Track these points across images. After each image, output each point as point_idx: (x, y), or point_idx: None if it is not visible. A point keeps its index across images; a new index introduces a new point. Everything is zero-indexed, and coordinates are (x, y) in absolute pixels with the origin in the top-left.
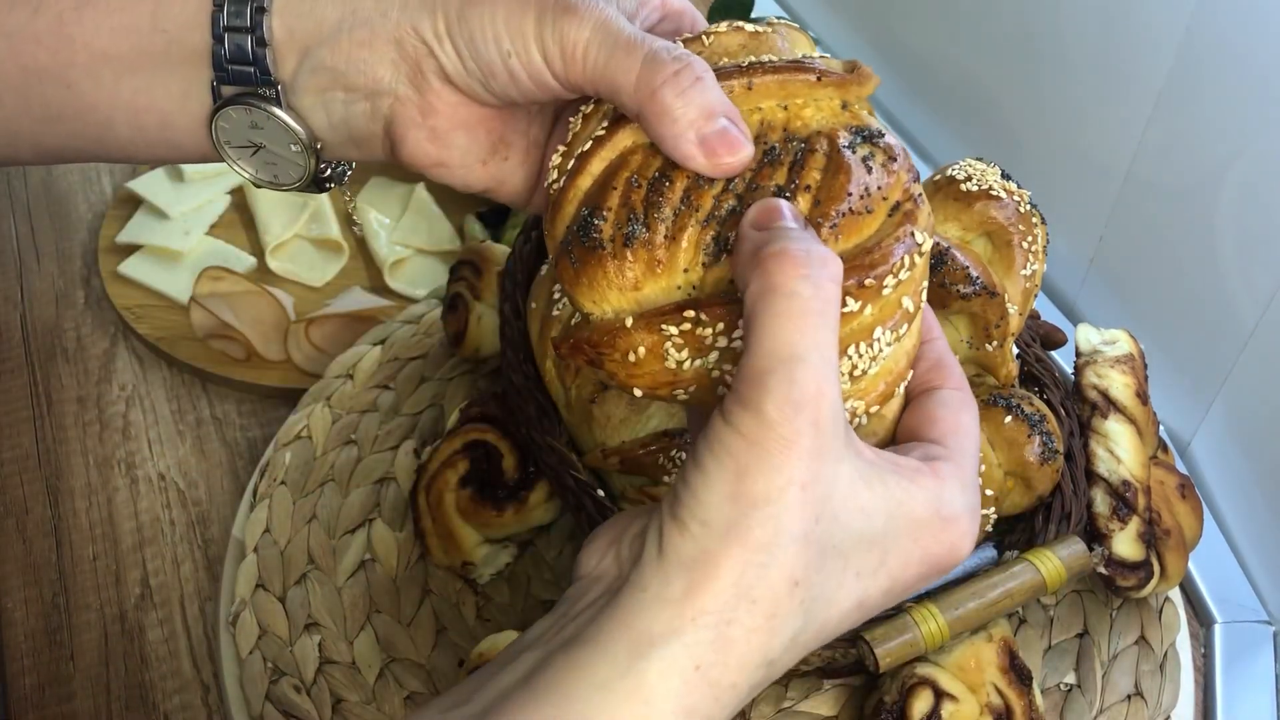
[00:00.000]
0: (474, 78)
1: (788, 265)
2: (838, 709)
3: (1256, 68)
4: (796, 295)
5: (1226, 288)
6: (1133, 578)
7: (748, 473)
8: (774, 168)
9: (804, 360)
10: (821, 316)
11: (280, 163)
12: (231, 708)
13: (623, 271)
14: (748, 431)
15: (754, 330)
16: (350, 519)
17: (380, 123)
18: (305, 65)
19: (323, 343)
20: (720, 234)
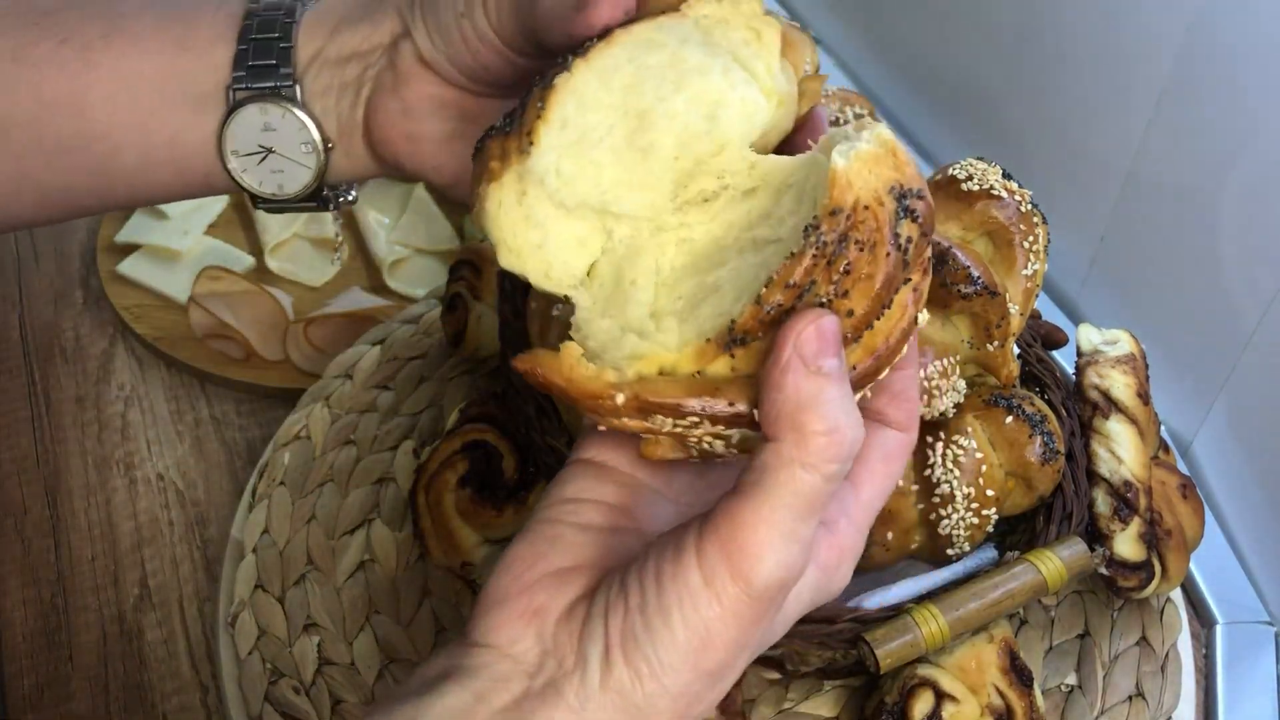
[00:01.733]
0: (439, 50)
1: (829, 448)
2: (838, 710)
3: (1256, 68)
4: (822, 479)
5: (1228, 288)
6: (1134, 578)
7: (712, 645)
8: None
9: (801, 544)
10: (827, 500)
11: (288, 168)
12: (230, 708)
13: (483, 165)
14: (727, 603)
15: (765, 496)
16: (349, 519)
17: (361, 109)
18: (314, 65)
19: (322, 343)
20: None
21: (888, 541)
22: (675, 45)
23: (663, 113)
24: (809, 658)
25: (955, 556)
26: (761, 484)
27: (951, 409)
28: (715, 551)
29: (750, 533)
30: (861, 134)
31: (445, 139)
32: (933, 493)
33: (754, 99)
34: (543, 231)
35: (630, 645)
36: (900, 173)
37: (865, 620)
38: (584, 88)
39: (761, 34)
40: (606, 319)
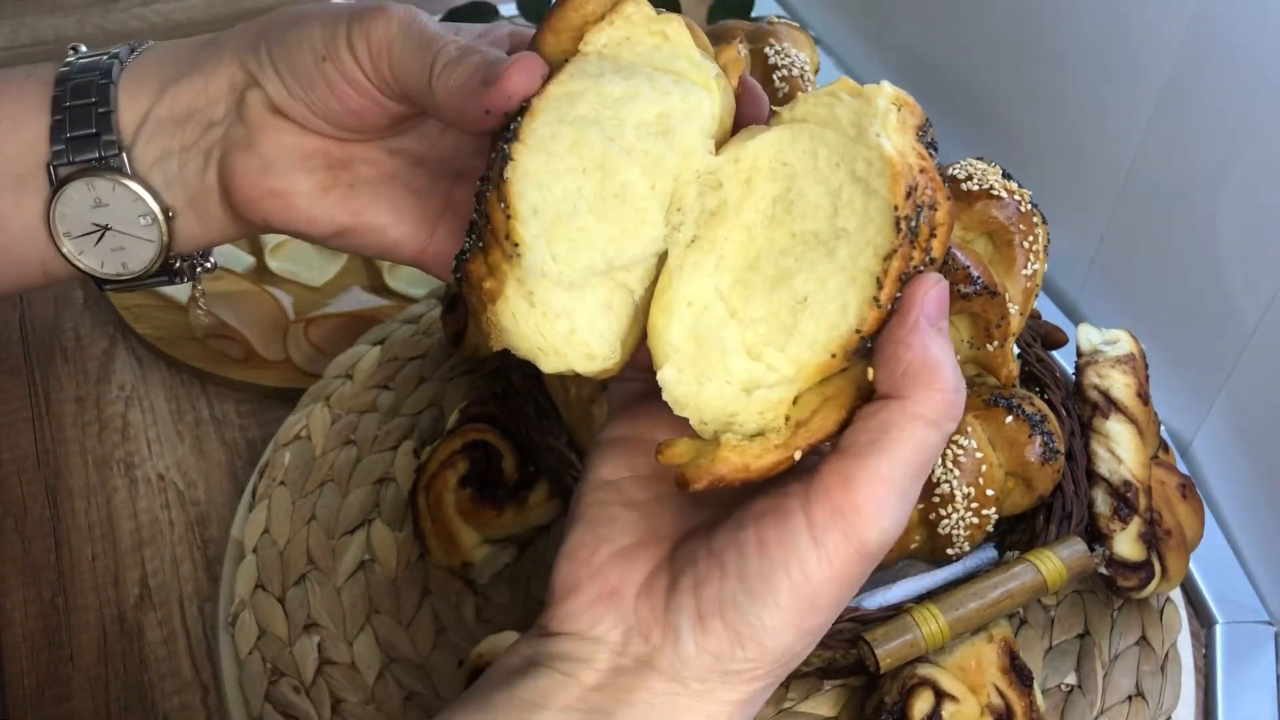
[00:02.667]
0: (297, 98)
1: (947, 406)
2: (838, 709)
3: (1256, 68)
4: (937, 433)
5: (1228, 287)
6: (1134, 578)
7: (816, 606)
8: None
9: (911, 504)
10: (933, 461)
11: (129, 244)
12: (231, 708)
13: (473, 286)
14: (837, 560)
15: (883, 452)
16: (350, 519)
17: (213, 171)
18: (143, 130)
19: (322, 343)
20: None
21: None
22: (593, 85)
23: (619, 152)
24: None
25: (955, 556)
26: (880, 442)
27: None
28: (826, 514)
29: (867, 491)
30: (876, 103)
31: (318, 191)
32: (932, 492)
33: (693, 95)
34: (569, 318)
35: (731, 612)
36: (915, 115)
37: (865, 620)
38: (533, 168)
39: (666, 33)
40: (711, 384)
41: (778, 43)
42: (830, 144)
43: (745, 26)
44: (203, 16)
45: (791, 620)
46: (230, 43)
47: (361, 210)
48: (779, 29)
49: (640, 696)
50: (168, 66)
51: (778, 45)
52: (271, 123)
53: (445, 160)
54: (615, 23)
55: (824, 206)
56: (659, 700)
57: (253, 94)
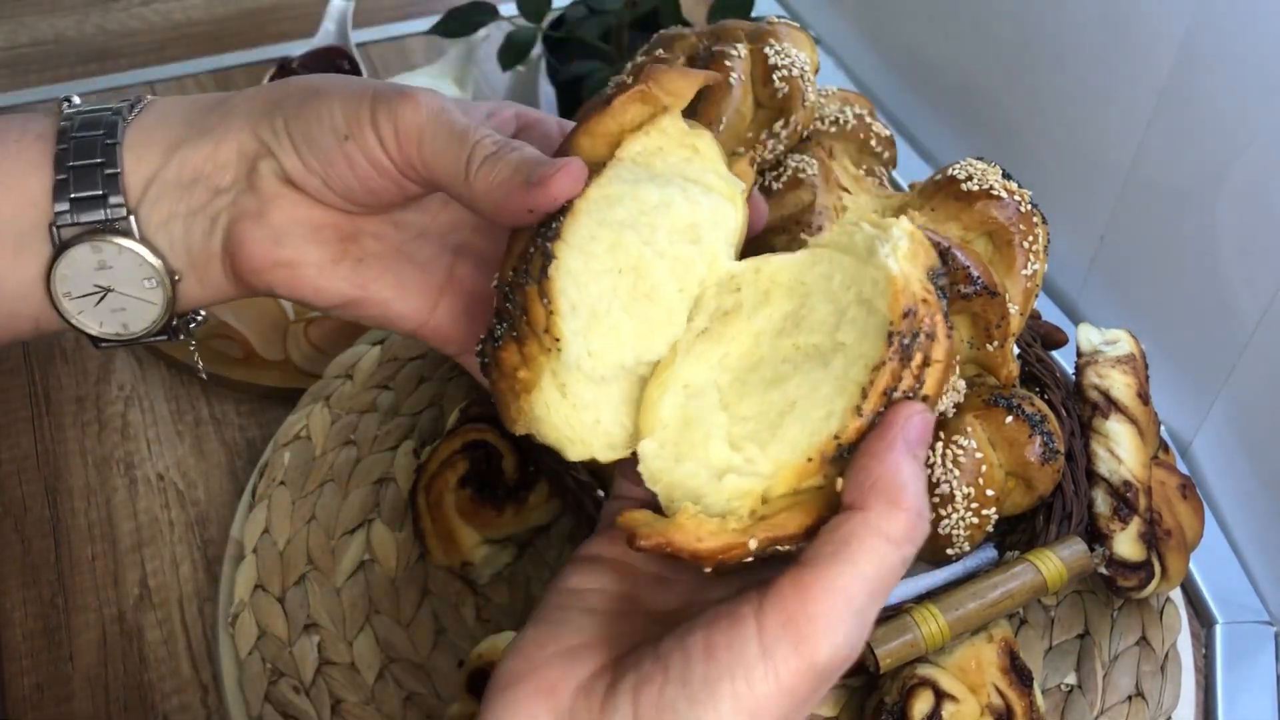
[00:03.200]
0: (313, 172)
1: (912, 527)
2: (838, 709)
3: (1256, 68)
4: (899, 555)
5: (1228, 287)
6: (1134, 578)
7: (759, 715)
8: (895, 363)
9: (867, 627)
10: (892, 587)
11: (131, 306)
12: (230, 708)
13: (504, 373)
14: (784, 674)
15: (841, 564)
16: (349, 519)
17: (219, 237)
18: (149, 192)
19: (322, 343)
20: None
21: None
22: (630, 191)
23: (652, 256)
24: None
25: (955, 556)
26: (840, 555)
27: (951, 409)
28: (778, 624)
29: (822, 604)
30: (891, 231)
31: (329, 263)
32: (932, 493)
33: (720, 206)
34: (594, 410)
35: (668, 716)
36: (930, 256)
37: None
38: (575, 267)
39: (698, 146)
40: (687, 463)
41: (778, 43)
42: (845, 268)
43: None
44: (202, 16)
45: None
46: (241, 108)
47: (369, 284)
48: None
49: None
50: (175, 127)
51: (778, 45)
52: (283, 194)
53: (445, 234)
54: (651, 133)
55: (829, 323)
56: None
57: (265, 164)
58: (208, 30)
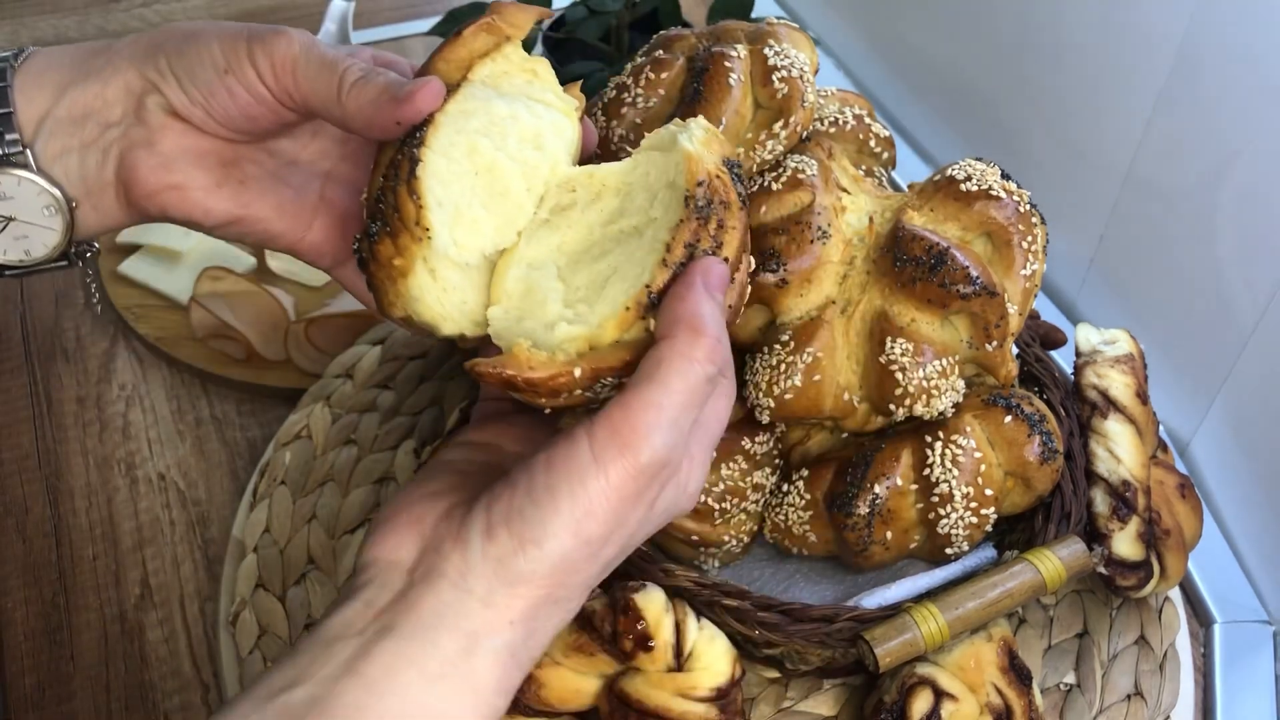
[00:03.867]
0: (196, 104)
1: (713, 352)
2: (837, 709)
3: (1256, 68)
4: (705, 378)
5: (1226, 287)
6: (1132, 577)
7: (593, 515)
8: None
9: (681, 434)
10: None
11: (32, 233)
12: None
13: (380, 263)
14: (612, 474)
15: (655, 383)
16: (350, 519)
17: (111, 166)
18: (43, 129)
19: (323, 343)
20: None
21: (887, 540)
22: (483, 106)
23: (504, 160)
24: (808, 656)
25: (954, 556)
26: (654, 376)
27: (950, 409)
28: (606, 433)
29: (640, 414)
30: (689, 124)
31: (213, 186)
32: (931, 492)
33: (559, 120)
34: (460, 292)
35: (515, 519)
36: (724, 147)
37: (864, 619)
38: (438, 168)
39: (537, 71)
40: (527, 321)
41: (777, 43)
42: (657, 163)
43: (745, 27)
44: (202, 17)
45: (569, 525)
46: (124, 52)
47: (249, 204)
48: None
49: (427, 605)
50: (61, 71)
51: (777, 46)
52: (170, 125)
53: (315, 161)
54: (497, 59)
55: (645, 207)
56: (444, 608)
57: (152, 99)
58: None
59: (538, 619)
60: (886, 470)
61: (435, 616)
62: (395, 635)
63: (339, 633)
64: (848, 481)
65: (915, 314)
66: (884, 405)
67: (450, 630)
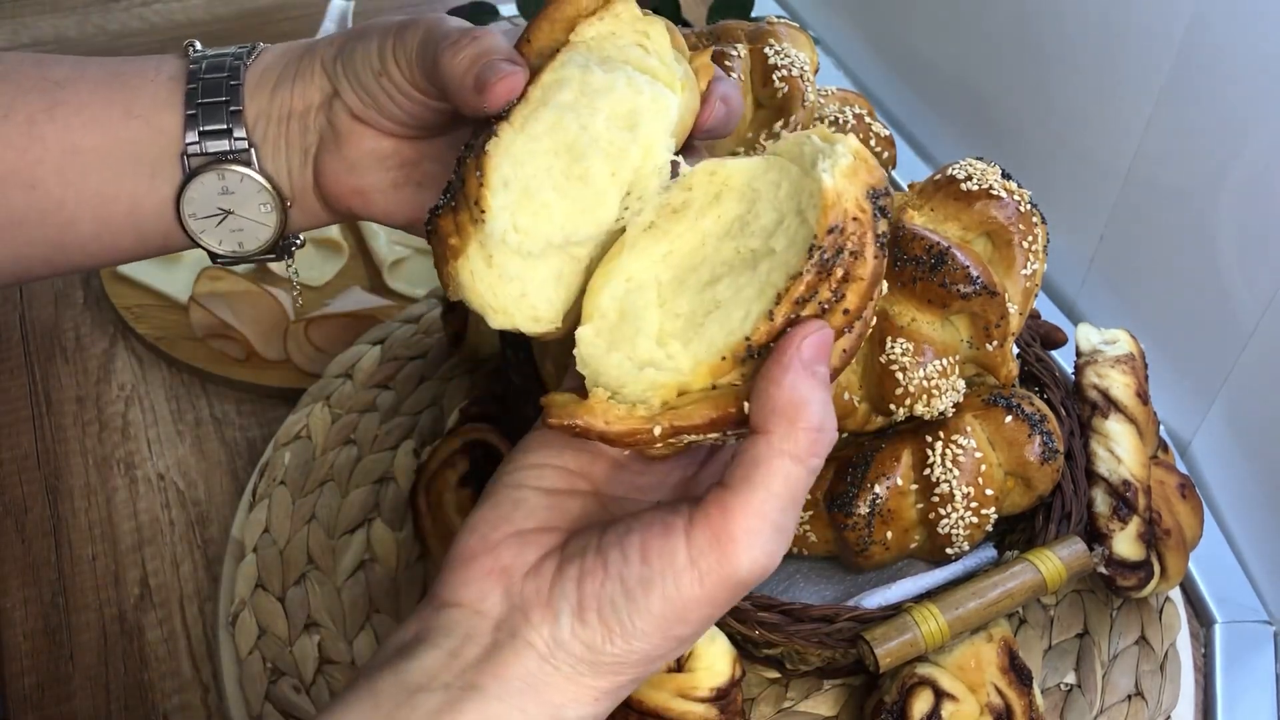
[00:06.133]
0: (369, 106)
1: (815, 444)
2: (838, 709)
3: (1256, 68)
4: (806, 472)
5: (1227, 287)
6: (1133, 577)
7: (685, 619)
8: (814, 275)
9: (785, 535)
10: (805, 494)
11: (247, 227)
12: (231, 708)
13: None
14: (708, 584)
15: (757, 487)
16: (350, 519)
17: (310, 168)
18: (259, 125)
19: (322, 343)
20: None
21: (887, 540)
22: (579, 75)
23: (588, 140)
24: (808, 657)
25: (954, 556)
26: (751, 478)
27: (951, 409)
28: (705, 538)
29: (740, 522)
30: (835, 147)
31: (391, 188)
32: (932, 492)
33: (661, 94)
34: (520, 283)
35: (606, 608)
36: (872, 176)
37: (865, 619)
38: (512, 145)
39: (649, 33)
40: (616, 353)
41: (778, 43)
42: (792, 177)
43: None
44: (202, 17)
45: (659, 627)
46: (320, 52)
47: (428, 203)
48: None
49: (514, 671)
50: (276, 70)
51: (777, 45)
52: (354, 128)
53: None
54: (605, 19)
55: (768, 229)
56: (531, 677)
57: (337, 103)
58: (208, 30)
59: (619, 693)
60: (887, 470)
61: (523, 683)
62: (483, 696)
63: (423, 682)
64: (848, 481)
65: (915, 314)
66: (884, 405)
67: (536, 700)
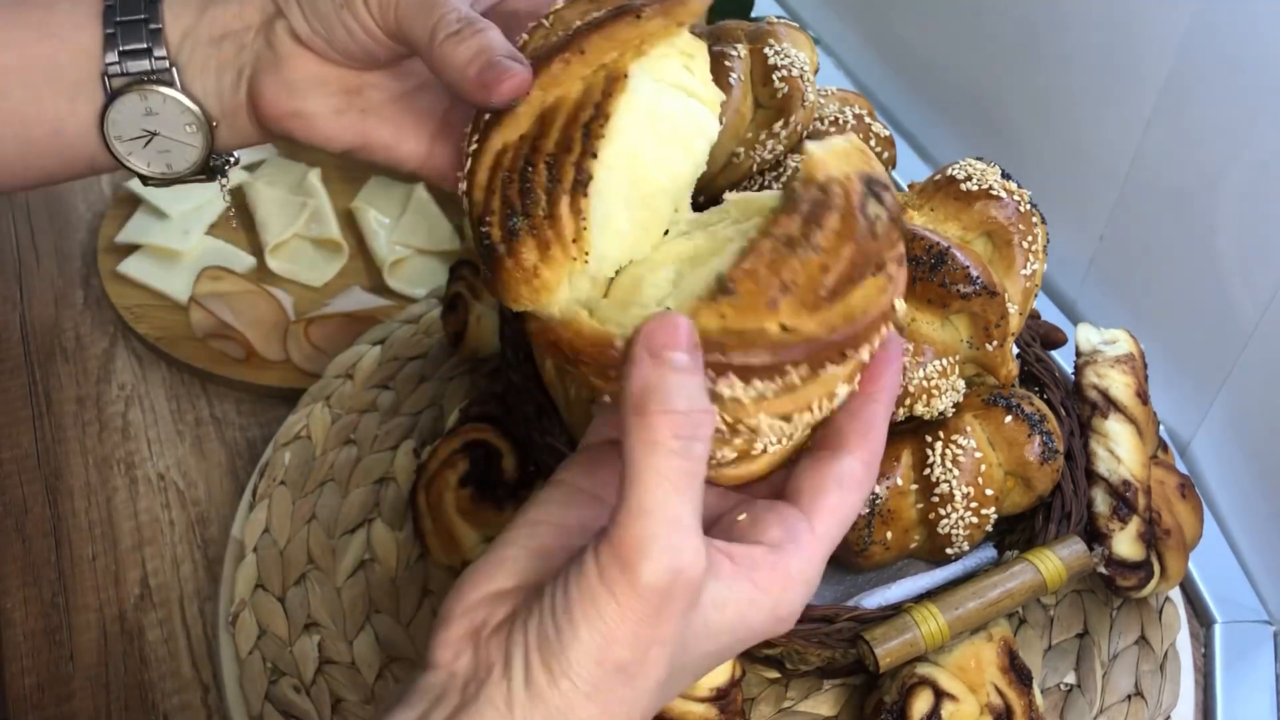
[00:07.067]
0: (318, 34)
1: (674, 425)
2: (838, 709)
3: (1256, 68)
4: (678, 456)
5: (1227, 287)
6: (1133, 578)
7: (615, 641)
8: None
9: (684, 527)
10: (698, 478)
11: (174, 148)
12: (231, 708)
13: (520, 264)
14: (622, 598)
15: (634, 486)
16: (350, 519)
17: (244, 88)
18: (186, 44)
19: (322, 343)
20: None
21: (887, 540)
22: (648, 103)
23: (655, 165)
24: (808, 656)
25: (954, 556)
26: (629, 477)
27: (950, 409)
28: (608, 551)
29: (631, 525)
30: (835, 136)
31: (333, 113)
32: (932, 492)
33: (706, 117)
34: (581, 291)
35: (545, 648)
36: (869, 166)
37: (864, 619)
38: (603, 186)
39: (694, 55)
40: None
41: (777, 43)
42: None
43: (745, 27)
44: None
45: (592, 654)
46: None
47: (371, 130)
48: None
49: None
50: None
51: (777, 45)
52: (295, 51)
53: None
54: (661, 44)
55: None
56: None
57: (280, 24)
58: None
59: None
60: (886, 470)
61: None
62: None
63: None
64: None
65: (915, 314)
66: None
67: None
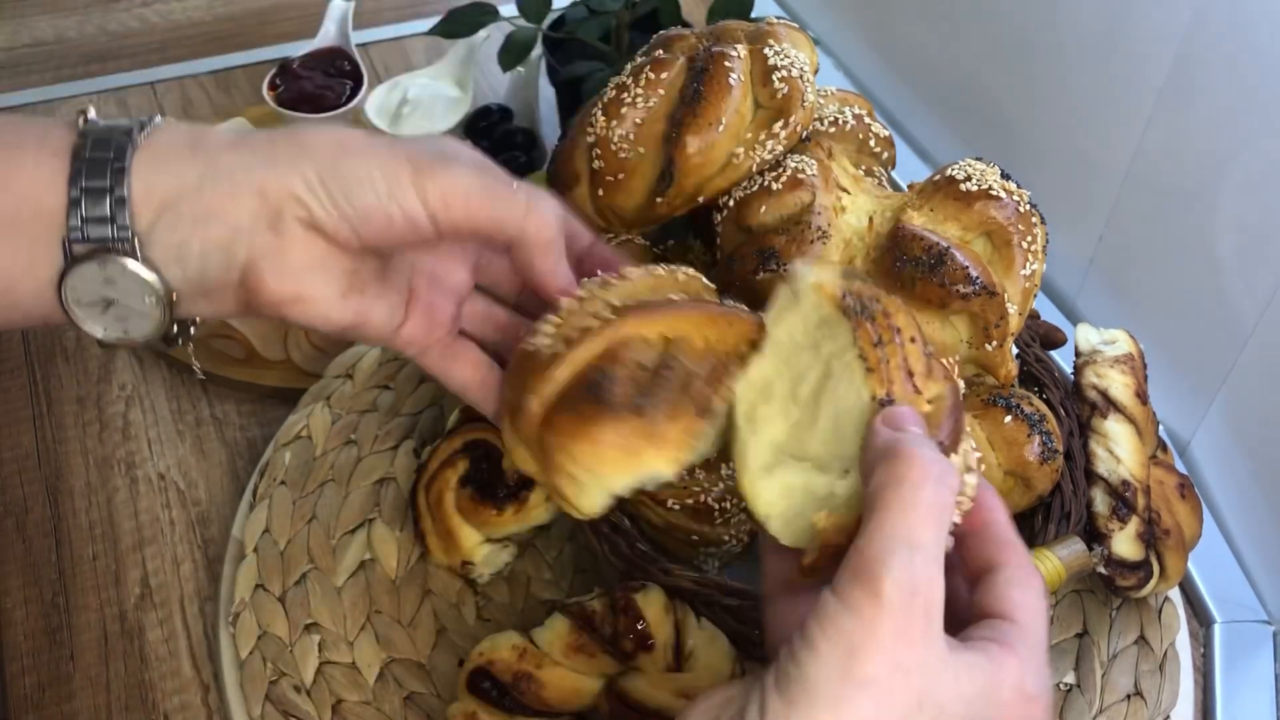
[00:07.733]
0: (345, 221)
1: (920, 466)
2: None
3: (1256, 67)
4: (923, 493)
5: (1226, 287)
6: (1132, 577)
7: (858, 652)
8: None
9: (924, 549)
10: (941, 518)
11: (133, 317)
12: (231, 708)
13: (626, 434)
14: (863, 610)
15: (877, 515)
16: (350, 519)
17: (236, 271)
18: (163, 220)
19: (323, 343)
20: None
21: None
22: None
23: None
24: None
25: None
26: (873, 512)
27: None
28: (847, 577)
29: (873, 544)
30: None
31: (336, 296)
32: None
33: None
34: None
35: (783, 682)
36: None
37: None
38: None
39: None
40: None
41: (777, 43)
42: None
43: (745, 27)
44: (203, 17)
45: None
46: (260, 153)
47: (367, 310)
48: (779, 29)
49: None
50: (186, 161)
51: (777, 45)
52: (303, 237)
53: (404, 256)
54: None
55: (813, 350)
56: None
57: (292, 209)
58: (209, 31)
59: None
60: None
61: None
62: None
63: None
64: None
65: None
66: None
67: None
